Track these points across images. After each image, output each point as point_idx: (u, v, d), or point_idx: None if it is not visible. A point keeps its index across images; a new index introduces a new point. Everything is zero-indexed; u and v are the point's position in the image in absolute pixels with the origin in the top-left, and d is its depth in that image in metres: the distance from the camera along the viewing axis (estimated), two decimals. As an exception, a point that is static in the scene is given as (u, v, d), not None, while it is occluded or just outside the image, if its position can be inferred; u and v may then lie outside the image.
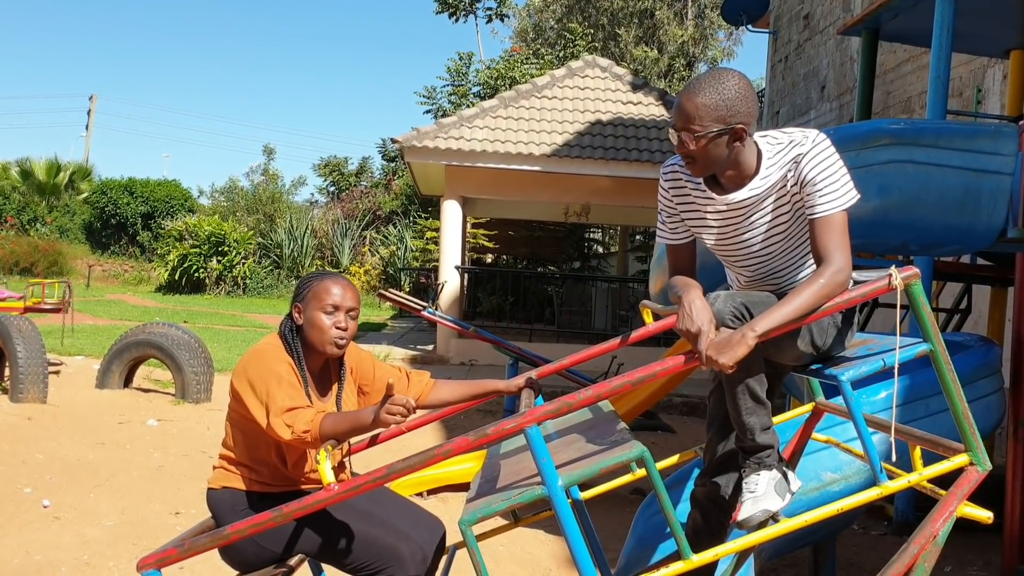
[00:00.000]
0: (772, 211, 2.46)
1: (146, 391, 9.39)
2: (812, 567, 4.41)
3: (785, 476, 2.53)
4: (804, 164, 2.36)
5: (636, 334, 2.93)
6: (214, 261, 25.37)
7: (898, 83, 10.48)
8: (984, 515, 2.34)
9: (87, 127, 40.91)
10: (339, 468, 2.80)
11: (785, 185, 2.41)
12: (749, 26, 14.41)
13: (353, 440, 2.91)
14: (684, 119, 2.34)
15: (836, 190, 2.35)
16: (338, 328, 2.69)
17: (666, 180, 2.62)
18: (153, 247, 28.72)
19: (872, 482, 2.40)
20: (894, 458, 2.41)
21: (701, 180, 2.51)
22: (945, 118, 5.40)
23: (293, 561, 2.75)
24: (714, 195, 2.49)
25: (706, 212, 2.55)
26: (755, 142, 2.43)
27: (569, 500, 2.18)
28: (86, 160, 35.69)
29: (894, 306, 2.29)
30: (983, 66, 8.84)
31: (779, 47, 14.45)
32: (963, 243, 4.45)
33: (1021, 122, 4.48)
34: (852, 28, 6.62)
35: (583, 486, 3.05)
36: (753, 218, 2.48)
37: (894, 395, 2.46)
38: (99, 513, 5.22)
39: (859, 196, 2.39)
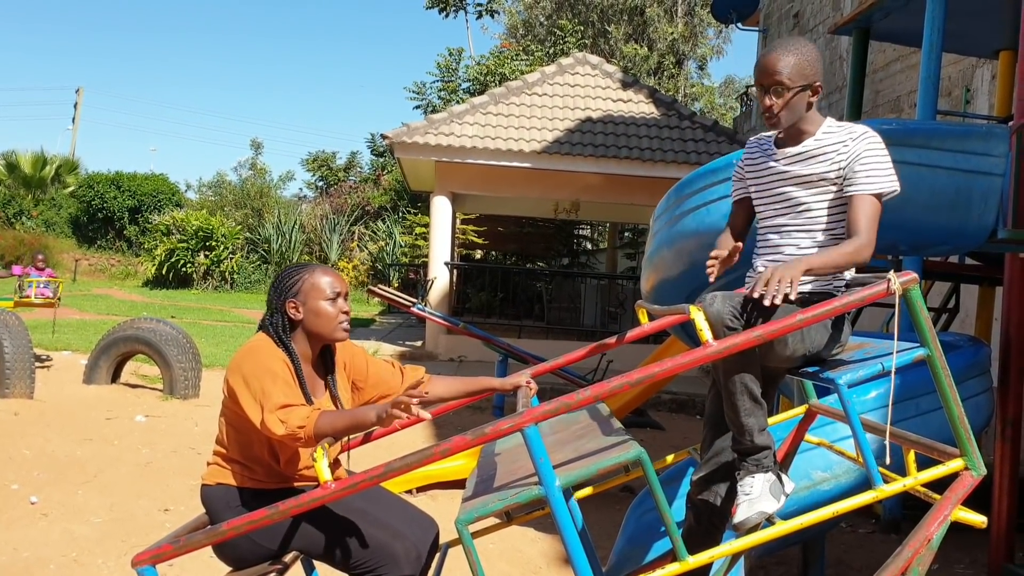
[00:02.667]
0: (818, 170, 2.63)
1: (134, 387, 9.34)
2: (802, 565, 4.43)
3: (779, 478, 2.54)
4: (860, 141, 2.59)
5: (632, 333, 2.93)
6: (201, 256, 25.28)
7: (887, 82, 10.52)
8: (978, 519, 2.35)
9: (73, 120, 40.66)
10: (334, 466, 2.79)
11: (837, 152, 2.60)
12: (739, 24, 14.45)
13: (349, 437, 2.90)
14: (774, 76, 2.60)
15: (879, 173, 2.56)
16: (344, 313, 2.75)
17: (747, 153, 2.88)
18: (140, 241, 28.60)
19: (863, 480, 2.42)
20: (888, 460, 2.42)
21: (772, 144, 2.76)
22: (935, 118, 5.41)
23: (287, 558, 2.75)
24: (776, 150, 2.74)
25: (766, 164, 2.76)
26: (818, 112, 2.70)
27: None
28: (72, 153, 35.52)
29: (886, 306, 2.31)
30: (972, 66, 8.88)
31: (768, 45, 14.47)
32: (954, 243, 4.47)
33: (1011, 123, 4.51)
34: (843, 27, 6.63)
35: (576, 485, 3.05)
36: (800, 168, 2.66)
37: (890, 398, 2.47)
38: (87, 510, 5.19)
39: (899, 190, 2.61)
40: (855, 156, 2.56)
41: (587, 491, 3.27)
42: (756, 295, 2.35)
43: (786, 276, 2.33)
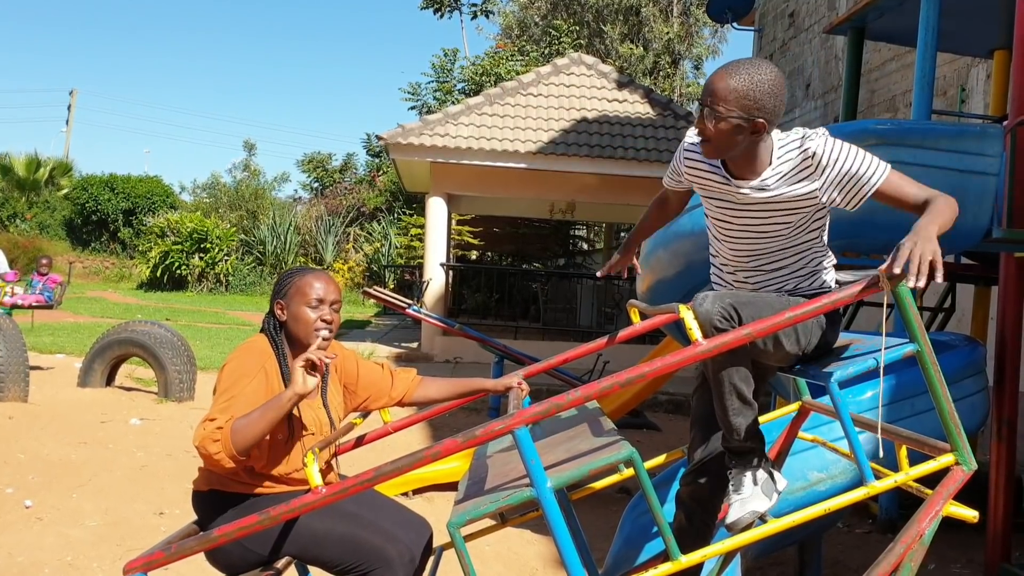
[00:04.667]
0: (789, 193, 2.44)
1: (129, 390, 9.32)
2: (798, 566, 4.42)
3: (771, 476, 2.53)
4: (827, 161, 2.37)
5: (624, 333, 2.93)
6: (196, 258, 25.23)
7: (883, 82, 10.53)
8: (970, 514, 2.35)
9: (67, 122, 40.61)
10: (326, 470, 2.78)
11: (801, 174, 2.41)
12: (734, 24, 14.42)
13: (340, 440, 2.90)
14: (711, 98, 2.33)
15: (869, 162, 2.38)
16: (324, 321, 2.69)
17: (685, 152, 2.62)
18: (134, 244, 28.54)
19: (858, 481, 2.41)
20: (880, 454, 2.41)
21: (722, 167, 2.51)
22: (930, 117, 5.42)
23: (280, 564, 2.73)
24: (729, 177, 2.50)
25: (720, 189, 2.54)
26: (771, 137, 2.44)
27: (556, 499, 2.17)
28: (66, 155, 35.45)
29: (879, 305, 2.30)
30: (967, 65, 8.89)
31: (764, 45, 14.49)
32: (948, 243, 4.43)
33: (1005, 123, 4.51)
34: (838, 27, 6.63)
35: (570, 486, 3.04)
36: (763, 195, 2.47)
37: (879, 395, 2.46)
38: (82, 513, 5.17)
39: (888, 169, 2.41)
40: (837, 178, 2.37)
41: (583, 491, 3.27)
42: (903, 272, 2.09)
43: (927, 251, 2.08)
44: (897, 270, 2.09)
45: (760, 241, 2.57)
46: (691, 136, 2.58)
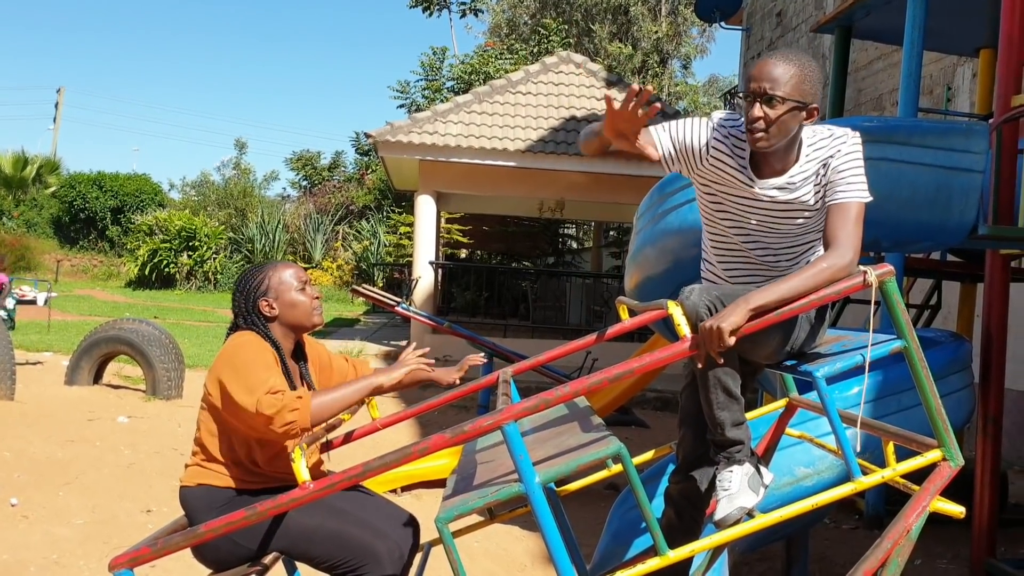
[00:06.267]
0: (804, 197, 2.47)
1: (116, 388, 9.28)
2: (785, 561, 4.44)
3: (758, 470, 2.54)
4: (839, 155, 2.42)
5: (612, 330, 2.93)
6: (185, 256, 25.15)
7: (869, 80, 10.57)
8: (957, 510, 2.36)
9: (55, 120, 40.34)
10: (315, 466, 2.78)
11: (819, 179, 2.45)
12: (722, 23, 14.47)
13: (329, 436, 2.90)
14: (769, 83, 2.34)
15: (860, 180, 2.42)
16: (315, 299, 2.84)
17: (716, 140, 2.50)
18: (123, 242, 28.43)
19: (845, 476, 2.42)
20: (858, 447, 2.42)
21: (746, 158, 2.48)
22: (917, 116, 5.44)
23: (268, 559, 2.72)
24: (755, 178, 2.48)
25: (739, 183, 2.51)
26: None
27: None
28: (54, 153, 35.23)
29: (866, 302, 2.31)
30: (953, 64, 8.94)
31: (752, 44, 14.53)
32: (935, 240, 4.48)
33: (991, 120, 4.53)
34: (825, 25, 6.65)
35: (559, 482, 3.05)
36: (781, 195, 2.48)
37: (863, 391, 2.47)
38: (69, 511, 5.15)
39: (868, 198, 2.45)
40: (834, 169, 2.42)
41: (571, 487, 3.27)
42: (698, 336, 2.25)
43: (726, 323, 2.20)
44: (694, 331, 2.28)
45: (768, 240, 2.58)
46: (723, 120, 2.52)
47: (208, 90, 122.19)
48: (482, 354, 3.14)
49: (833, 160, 2.43)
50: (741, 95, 2.43)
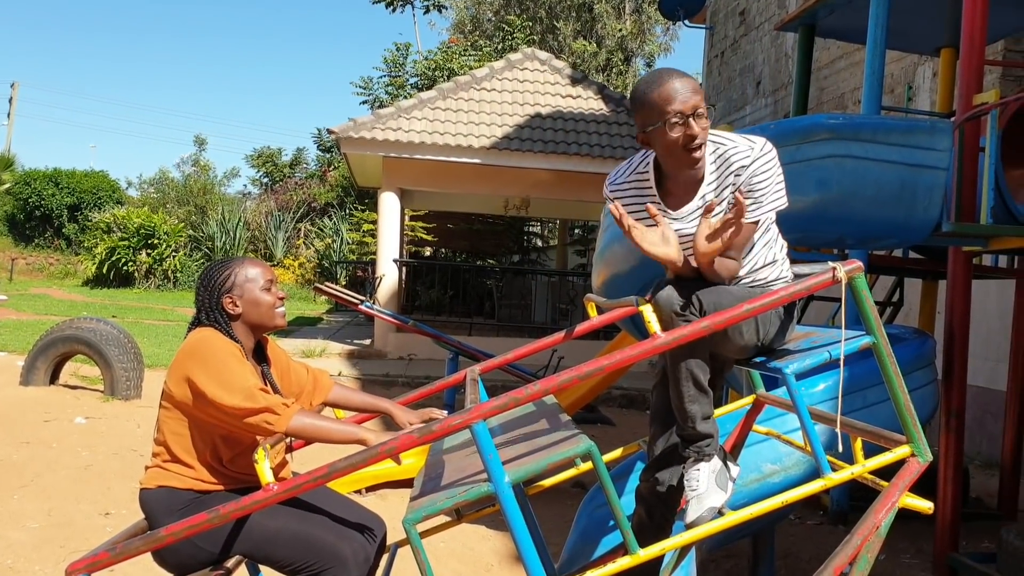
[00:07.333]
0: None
1: (73, 388, 9.10)
2: (752, 557, 4.44)
3: (725, 465, 2.53)
4: (748, 174, 2.42)
5: (580, 328, 2.91)
6: (143, 254, 24.76)
7: (832, 79, 10.66)
8: (926, 506, 2.37)
9: (9, 115, 39.57)
10: (279, 467, 2.72)
11: (725, 190, 2.45)
12: (686, 21, 14.57)
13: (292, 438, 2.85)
14: (699, 97, 2.38)
15: (764, 200, 2.43)
16: (279, 299, 2.79)
17: (618, 198, 2.58)
18: (80, 240, 27.96)
19: (812, 472, 2.42)
20: (839, 447, 2.42)
21: (655, 192, 2.52)
22: (880, 114, 5.49)
23: (230, 563, 2.66)
24: (669, 210, 2.52)
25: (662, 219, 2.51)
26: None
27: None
28: (8, 150, 34.56)
29: (830, 299, 2.31)
30: (914, 63, 9.04)
31: (715, 43, 14.61)
32: (899, 237, 4.52)
33: (954, 118, 4.57)
34: (789, 24, 6.69)
35: (527, 481, 3.02)
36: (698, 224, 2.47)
37: (839, 387, 2.47)
38: (24, 515, 5.02)
39: (785, 204, 2.48)
40: (745, 191, 2.42)
41: (539, 486, 3.24)
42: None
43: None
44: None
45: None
46: (612, 180, 2.62)
47: (167, 86, 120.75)
48: (445, 412, 2.88)
49: (745, 179, 2.42)
50: (669, 121, 2.36)
